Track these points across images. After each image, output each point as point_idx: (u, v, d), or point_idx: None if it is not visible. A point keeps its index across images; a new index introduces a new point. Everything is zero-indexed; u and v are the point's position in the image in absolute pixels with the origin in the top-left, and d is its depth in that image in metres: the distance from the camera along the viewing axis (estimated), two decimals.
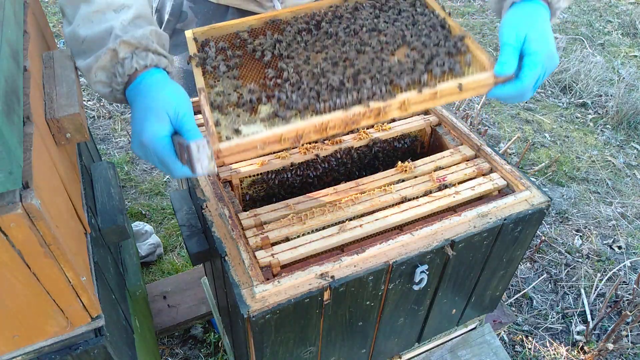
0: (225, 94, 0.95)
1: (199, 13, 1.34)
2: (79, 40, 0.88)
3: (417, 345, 1.37)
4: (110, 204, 1.07)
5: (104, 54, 0.85)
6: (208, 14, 1.35)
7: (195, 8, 1.34)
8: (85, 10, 0.87)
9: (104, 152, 2.79)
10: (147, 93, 0.86)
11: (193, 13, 1.34)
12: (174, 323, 1.80)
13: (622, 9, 4.86)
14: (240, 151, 0.85)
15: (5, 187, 0.58)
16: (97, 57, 0.86)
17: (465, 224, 1.04)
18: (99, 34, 0.86)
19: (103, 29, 0.86)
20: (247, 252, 0.95)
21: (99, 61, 0.86)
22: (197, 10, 1.34)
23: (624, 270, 2.30)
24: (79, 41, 0.88)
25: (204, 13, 1.34)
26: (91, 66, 0.86)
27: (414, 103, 0.92)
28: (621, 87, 3.46)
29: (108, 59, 0.86)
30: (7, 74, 0.65)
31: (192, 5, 1.33)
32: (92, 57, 0.86)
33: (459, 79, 0.93)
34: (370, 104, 0.89)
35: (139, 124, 0.83)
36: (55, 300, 0.72)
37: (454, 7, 4.73)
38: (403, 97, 0.90)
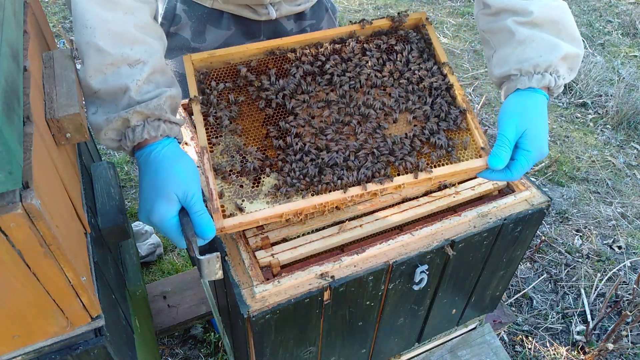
0: (228, 155, 0.99)
1: (193, 17, 1.33)
2: (91, 90, 0.87)
3: (417, 345, 1.37)
4: (110, 204, 1.07)
5: (115, 120, 0.86)
6: (202, 18, 1.33)
7: (188, 11, 1.32)
8: (98, 61, 0.85)
9: (104, 152, 2.79)
10: (157, 169, 0.88)
11: (187, 16, 1.33)
12: (174, 323, 1.80)
13: (622, 9, 4.86)
14: (243, 226, 0.93)
15: (5, 187, 0.58)
16: (109, 120, 0.86)
17: (465, 224, 1.04)
18: (113, 89, 0.85)
19: (117, 87, 0.85)
20: (247, 252, 0.95)
21: (109, 124, 0.86)
22: (190, 14, 1.33)
23: (624, 270, 2.30)
24: (92, 91, 0.87)
25: (197, 17, 1.33)
26: (102, 127, 0.87)
27: (409, 185, 1.00)
28: (621, 87, 3.46)
29: (120, 124, 0.87)
30: (7, 74, 0.65)
31: (186, 8, 1.32)
32: (104, 119, 0.86)
33: (453, 166, 1.02)
34: (368, 186, 0.97)
35: (148, 202, 0.86)
36: (55, 300, 0.72)
37: (454, 7, 4.74)
38: (400, 181, 0.99)
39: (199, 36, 1.35)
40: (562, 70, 1.01)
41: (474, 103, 3.37)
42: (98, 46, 0.84)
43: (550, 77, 1.01)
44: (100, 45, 0.84)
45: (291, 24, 1.43)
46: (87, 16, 0.84)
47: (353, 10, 4.67)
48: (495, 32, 1.07)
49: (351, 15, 4.56)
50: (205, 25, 1.34)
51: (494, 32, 1.07)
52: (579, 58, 1.04)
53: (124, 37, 0.86)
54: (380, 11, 4.66)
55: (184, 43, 1.36)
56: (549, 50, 0.99)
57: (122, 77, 0.85)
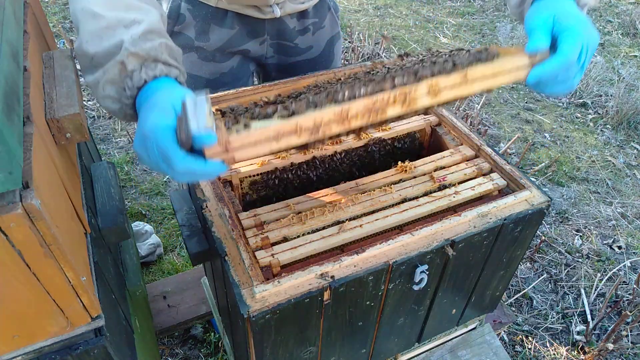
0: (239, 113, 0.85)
1: (197, 16, 1.34)
2: (87, 57, 0.85)
3: (417, 345, 1.37)
4: (110, 204, 1.07)
5: (112, 67, 0.82)
6: (206, 17, 1.34)
7: (193, 11, 1.33)
8: (94, 26, 0.84)
9: (104, 152, 2.79)
10: (155, 93, 0.82)
11: (191, 16, 1.34)
12: (174, 323, 1.80)
13: (622, 9, 4.86)
14: (252, 143, 0.75)
15: (5, 187, 0.58)
16: (105, 70, 0.83)
17: (465, 224, 1.04)
18: (109, 49, 0.83)
19: (112, 44, 0.83)
20: (247, 252, 0.95)
21: (106, 74, 0.83)
22: (195, 13, 1.34)
23: (624, 270, 2.30)
24: (88, 57, 0.84)
25: (202, 16, 1.34)
26: (99, 80, 0.83)
27: (444, 88, 0.83)
28: (621, 87, 3.46)
29: (117, 72, 0.83)
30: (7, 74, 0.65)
31: (191, 7, 1.33)
32: (100, 71, 0.83)
33: (491, 64, 0.84)
34: (396, 88, 0.79)
35: (143, 118, 0.77)
36: (55, 300, 0.72)
37: (454, 7, 4.74)
38: (431, 81, 0.81)
39: (203, 35, 1.36)
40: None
41: (474, 103, 3.37)
42: (93, 11, 0.83)
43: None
44: (95, 10, 0.83)
45: (294, 22, 1.45)
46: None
47: (353, 10, 4.67)
48: None
49: (351, 15, 4.56)
50: (209, 24, 1.35)
51: None
52: None
53: (119, 2, 0.85)
54: (380, 11, 4.66)
55: (187, 42, 1.37)
56: None
57: (117, 36, 0.83)
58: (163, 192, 2.56)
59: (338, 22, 1.59)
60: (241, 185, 1.18)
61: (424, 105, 0.84)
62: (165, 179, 2.62)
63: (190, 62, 1.40)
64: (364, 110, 0.79)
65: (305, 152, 1.21)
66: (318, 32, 1.52)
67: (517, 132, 3.17)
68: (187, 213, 1.15)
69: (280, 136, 0.76)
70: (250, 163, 1.18)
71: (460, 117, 3.07)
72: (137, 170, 2.69)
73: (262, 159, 1.18)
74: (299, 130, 0.76)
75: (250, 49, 1.45)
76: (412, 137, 1.35)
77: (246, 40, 1.42)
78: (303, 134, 0.77)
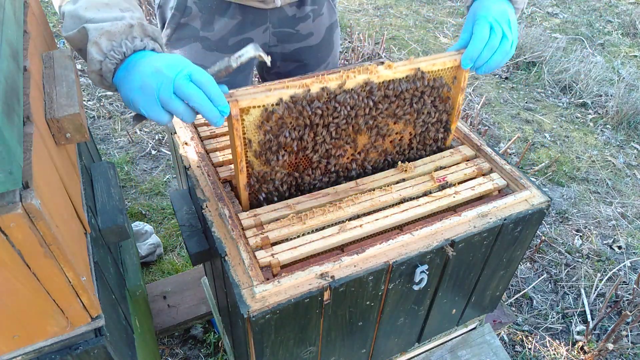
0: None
1: (204, 8, 1.38)
2: (81, 20, 0.87)
3: (417, 345, 1.37)
4: (110, 204, 1.07)
5: (120, 24, 0.87)
6: (212, 9, 1.38)
7: (199, 3, 1.37)
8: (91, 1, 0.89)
9: (104, 152, 2.79)
10: (153, 57, 0.87)
11: (197, 8, 1.38)
12: (174, 323, 1.80)
13: (622, 9, 4.86)
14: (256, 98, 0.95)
15: (5, 187, 0.58)
16: (113, 23, 0.86)
17: (465, 224, 1.04)
18: (108, 19, 0.87)
19: (112, 17, 0.88)
20: (247, 252, 0.95)
21: (112, 27, 0.86)
22: (201, 6, 1.37)
23: (624, 270, 2.30)
24: (81, 21, 0.87)
25: (208, 8, 1.38)
26: (102, 27, 0.86)
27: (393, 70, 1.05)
28: (621, 87, 3.46)
29: (121, 30, 0.87)
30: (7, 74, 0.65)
31: (197, 1, 1.37)
32: (107, 22, 0.86)
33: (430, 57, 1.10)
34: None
35: (156, 60, 0.85)
36: (55, 300, 0.72)
37: (453, 7, 4.74)
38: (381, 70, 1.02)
39: (208, 26, 1.41)
40: None
41: (474, 103, 3.37)
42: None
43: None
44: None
45: (294, 9, 1.48)
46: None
47: (353, 10, 4.67)
48: None
49: (351, 15, 4.56)
50: (214, 15, 1.39)
51: None
52: None
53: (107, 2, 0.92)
54: (380, 11, 4.66)
55: (193, 32, 1.41)
56: None
57: (114, 12, 0.89)
58: (163, 192, 2.56)
59: (336, 9, 1.62)
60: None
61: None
62: (165, 178, 2.62)
63: (195, 51, 1.43)
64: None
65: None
66: (317, 19, 1.55)
67: (517, 132, 3.17)
68: (187, 213, 1.15)
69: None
70: None
71: (460, 117, 3.07)
72: (137, 170, 2.69)
73: None
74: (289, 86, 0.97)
75: (254, 38, 1.47)
76: None
77: (249, 28, 1.45)
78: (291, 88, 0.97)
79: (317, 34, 1.58)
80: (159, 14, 1.44)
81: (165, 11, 1.41)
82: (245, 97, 0.94)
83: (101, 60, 0.87)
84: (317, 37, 1.58)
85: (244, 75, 1.55)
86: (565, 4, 4.94)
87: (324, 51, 1.63)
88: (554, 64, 3.82)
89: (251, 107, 0.96)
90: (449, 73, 1.15)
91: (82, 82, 3.14)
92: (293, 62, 1.59)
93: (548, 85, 3.67)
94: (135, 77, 0.84)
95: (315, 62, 1.63)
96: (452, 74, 1.15)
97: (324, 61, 1.65)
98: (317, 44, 1.59)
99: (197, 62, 1.44)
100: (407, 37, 4.18)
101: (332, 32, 1.62)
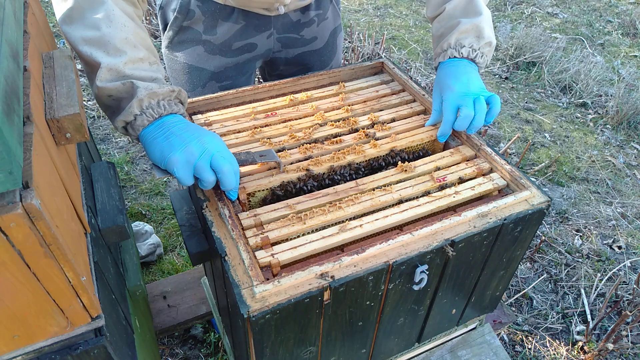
0: None
1: (207, 12, 1.37)
2: (122, 76, 0.97)
3: (417, 345, 1.37)
4: (110, 204, 1.07)
5: (167, 88, 0.99)
6: (215, 13, 1.38)
7: (202, 7, 1.37)
8: (134, 55, 0.98)
9: (104, 152, 2.79)
10: (188, 125, 1.00)
11: (200, 12, 1.37)
12: (174, 323, 1.80)
13: (622, 9, 4.86)
14: None
15: (5, 187, 0.58)
16: (161, 86, 0.99)
17: (465, 224, 1.04)
18: (147, 77, 0.99)
19: (149, 76, 1.00)
20: (247, 252, 0.95)
21: (160, 89, 0.98)
22: (204, 9, 1.37)
23: (624, 270, 2.30)
24: (123, 76, 0.97)
25: (211, 12, 1.38)
26: (152, 89, 0.97)
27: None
28: (621, 87, 3.46)
29: (167, 92, 0.99)
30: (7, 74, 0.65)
31: (200, 4, 1.36)
32: (155, 84, 0.98)
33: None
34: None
35: (184, 143, 0.96)
36: (55, 300, 0.72)
37: None
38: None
39: (210, 29, 1.40)
40: (467, 41, 1.21)
41: None
42: (115, 46, 0.96)
43: (452, 50, 1.22)
44: (116, 44, 0.96)
45: (298, 14, 1.48)
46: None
47: (353, 10, 4.67)
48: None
49: (351, 15, 4.56)
50: (217, 20, 1.39)
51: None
52: (478, 27, 1.21)
53: (130, 41, 0.99)
54: (380, 11, 4.66)
55: (196, 36, 1.41)
56: (450, 32, 1.23)
57: (149, 71, 1.00)
58: (163, 192, 2.56)
59: (339, 14, 1.62)
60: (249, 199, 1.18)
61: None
62: (165, 178, 2.62)
63: (197, 54, 1.43)
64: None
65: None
66: (322, 24, 1.55)
67: (517, 132, 3.17)
68: (187, 213, 1.15)
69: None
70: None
71: None
72: (137, 170, 2.69)
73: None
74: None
75: (258, 43, 1.47)
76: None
77: (253, 34, 1.44)
78: None
79: (321, 38, 1.58)
80: (160, 15, 1.43)
81: (167, 13, 1.40)
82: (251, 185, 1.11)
83: (137, 114, 0.97)
84: (321, 41, 1.58)
85: (246, 78, 1.55)
86: (565, 4, 4.94)
87: (328, 55, 1.63)
88: (554, 64, 3.82)
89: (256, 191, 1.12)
90: (428, 144, 1.30)
91: (82, 82, 3.14)
92: (296, 65, 1.59)
93: (548, 85, 3.67)
94: (176, 140, 0.96)
95: (319, 65, 1.63)
96: (432, 145, 1.30)
97: (327, 64, 1.65)
98: (321, 48, 1.59)
99: (199, 65, 1.45)
100: (407, 37, 4.18)
101: (335, 36, 1.62)
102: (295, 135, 1.25)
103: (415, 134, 1.27)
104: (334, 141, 1.24)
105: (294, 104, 1.37)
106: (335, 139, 1.24)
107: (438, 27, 1.27)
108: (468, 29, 1.21)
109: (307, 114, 1.34)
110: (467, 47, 1.21)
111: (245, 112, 1.32)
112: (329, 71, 1.47)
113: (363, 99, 1.41)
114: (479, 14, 1.22)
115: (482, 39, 1.22)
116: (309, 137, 1.25)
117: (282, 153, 1.20)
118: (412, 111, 1.36)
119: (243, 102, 1.39)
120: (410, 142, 1.25)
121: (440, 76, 1.24)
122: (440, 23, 1.27)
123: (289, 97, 1.38)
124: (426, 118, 1.33)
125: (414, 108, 1.38)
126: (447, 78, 1.21)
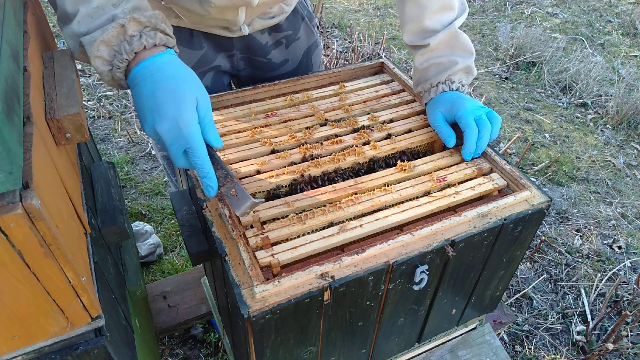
0: None
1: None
2: (78, 36, 0.86)
3: (417, 345, 1.37)
4: (110, 204, 1.07)
5: (111, 28, 0.83)
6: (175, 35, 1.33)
7: None
8: (85, 9, 0.85)
9: (104, 152, 2.79)
10: (167, 70, 0.85)
11: None
12: (174, 323, 1.80)
13: (622, 9, 4.86)
14: None
15: (5, 187, 0.58)
16: (104, 30, 0.83)
17: (466, 224, 1.04)
18: (101, 24, 0.85)
19: (104, 20, 0.85)
20: (247, 252, 0.95)
21: (104, 34, 0.83)
22: None
23: (624, 270, 2.30)
24: (78, 36, 0.86)
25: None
26: (95, 39, 0.84)
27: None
28: (621, 87, 3.46)
29: (115, 34, 0.84)
30: (7, 74, 0.65)
31: None
32: (98, 30, 0.84)
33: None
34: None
35: (170, 104, 0.82)
36: (55, 300, 0.72)
37: None
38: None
39: None
40: (456, 77, 1.24)
41: None
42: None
43: (443, 85, 1.24)
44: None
45: (266, 37, 1.42)
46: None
47: (353, 10, 4.67)
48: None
49: (351, 15, 4.56)
50: (178, 46, 1.33)
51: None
52: (470, 67, 1.25)
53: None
54: (380, 11, 4.66)
55: None
56: (441, 70, 1.24)
57: (108, 13, 0.85)
58: (163, 192, 2.56)
59: (314, 30, 1.54)
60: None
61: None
62: (165, 178, 2.62)
63: None
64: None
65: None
66: (293, 45, 1.48)
67: (517, 132, 3.17)
68: (187, 213, 1.15)
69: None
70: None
71: None
72: (137, 170, 2.69)
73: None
74: None
75: (221, 64, 1.42)
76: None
77: (215, 55, 1.39)
78: None
79: (293, 60, 1.51)
80: None
81: None
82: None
83: (110, 69, 0.87)
84: (293, 63, 1.52)
85: (220, 83, 1.50)
86: (565, 4, 4.94)
87: (302, 73, 1.54)
88: (554, 64, 3.82)
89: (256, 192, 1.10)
90: (427, 145, 1.31)
91: (82, 82, 3.14)
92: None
93: (548, 85, 3.67)
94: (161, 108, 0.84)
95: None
96: (431, 145, 1.32)
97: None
98: (294, 69, 1.53)
99: None
100: None
101: (310, 55, 1.56)
102: (295, 135, 1.25)
103: (415, 134, 1.27)
104: (334, 141, 1.24)
105: (294, 104, 1.37)
106: (335, 139, 1.24)
107: (422, 61, 1.26)
108: (460, 69, 1.23)
109: (307, 114, 1.34)
110: (457, 83, 1.24)
111: (245, 112, 1.33)
112: (329, 71, 1.47)
113: (363, 99, 1.41)
114: (470, 53, 1.24)
115: (471, 76, 1.27)
116: (309, 137, 1.25)
117: (282, 153, 1.20)
118: (412, 111, 1.36)
119: (243, 102, 1.39)
120: (410, 143, 1.25)
121: (437, 102, 1.25)
122: (424, 57, 1.26)
123: (289, 97, 1.39)
124: (426, 118, 1.32)
125: (414, 108, 1.38)
126: (448, 101, 1.22)
